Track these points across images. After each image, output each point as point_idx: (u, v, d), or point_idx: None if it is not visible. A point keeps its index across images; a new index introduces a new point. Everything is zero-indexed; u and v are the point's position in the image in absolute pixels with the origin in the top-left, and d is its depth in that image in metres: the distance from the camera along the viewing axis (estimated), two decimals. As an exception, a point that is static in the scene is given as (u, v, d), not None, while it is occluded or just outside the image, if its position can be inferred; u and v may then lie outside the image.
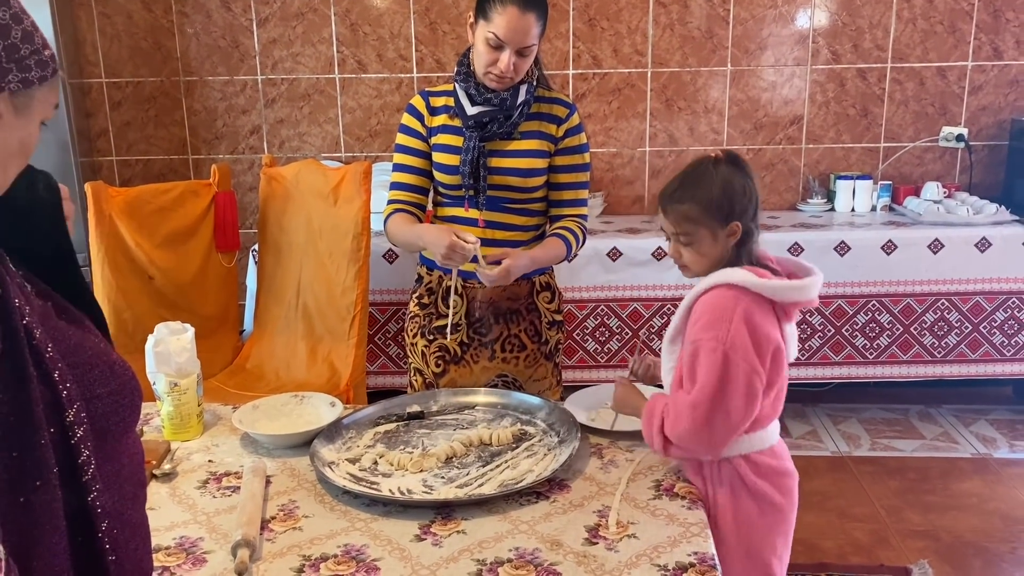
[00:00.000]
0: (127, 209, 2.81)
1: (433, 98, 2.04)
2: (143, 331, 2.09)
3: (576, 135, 2.04)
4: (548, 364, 2.16)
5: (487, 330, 2.08)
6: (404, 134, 2.06)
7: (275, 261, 3.10)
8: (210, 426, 1.83)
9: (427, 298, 2.11)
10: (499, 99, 1.94)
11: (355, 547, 1.36)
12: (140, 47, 3.82)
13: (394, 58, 3.80)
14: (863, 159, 3.85)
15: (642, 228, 3.55)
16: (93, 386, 0.84)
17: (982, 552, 2.71)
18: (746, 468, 1.53)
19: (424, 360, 2.11)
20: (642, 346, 2.01)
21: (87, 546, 0.82)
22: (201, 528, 1.43)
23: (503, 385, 2.13)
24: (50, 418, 0.79)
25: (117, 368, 0.87)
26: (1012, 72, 3.72)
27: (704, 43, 3.74)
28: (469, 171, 1.96)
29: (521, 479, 1.53)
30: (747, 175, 1.57)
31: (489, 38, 1.87)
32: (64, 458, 0.80)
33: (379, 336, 3.41)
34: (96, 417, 0.82)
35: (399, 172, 2.08)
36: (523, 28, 1.85)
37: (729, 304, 1.48)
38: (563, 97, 2.07)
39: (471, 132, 1.96)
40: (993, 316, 3.38)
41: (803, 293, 1.53)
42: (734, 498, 1.54)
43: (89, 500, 0.81)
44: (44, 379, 0.79)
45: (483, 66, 1.91)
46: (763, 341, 1.48)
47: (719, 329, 1.46)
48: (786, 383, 1.58)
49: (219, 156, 3.91)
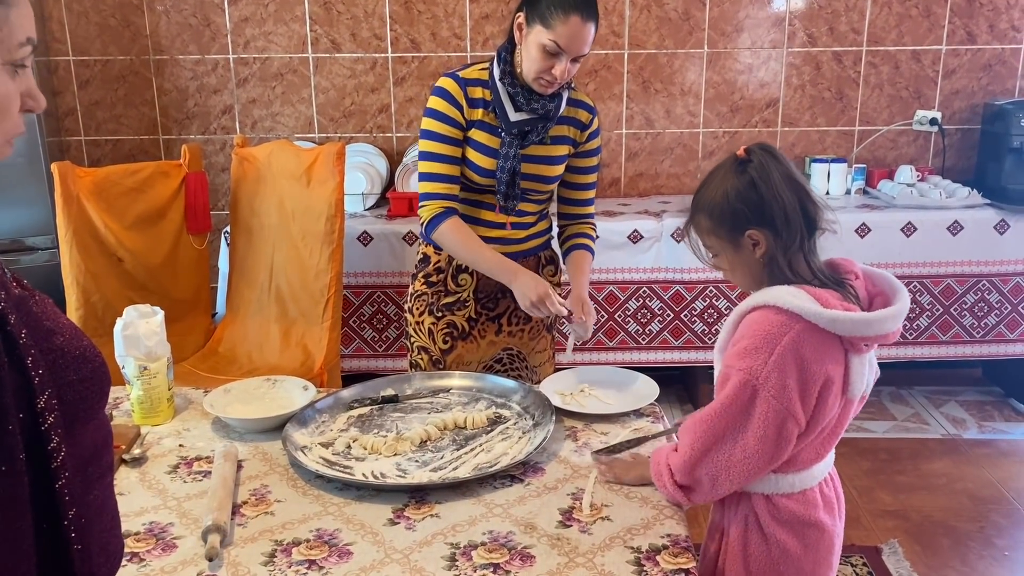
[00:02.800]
0: (96, 190, 2.76)
1: (470, 88, 1.93)
2: (112, 314, 2.06)
3: (596, 138, 2.08)
4: (548, 336, 2.22)
5: (494, 304, 2.09)
6: (440, 121, 1.93)
7: (247, 243, 3.06)
8: (181, 410, 1.81)
9: (435, 276, 2.08)
10: (544, 108, 1.92)
11: (328, 532, 1.35)
12: (108, 24, 3.75)
13: (368, 37, 3.76)
14: (838, 142, 3.86)
15: (618, 211, 3.55)
16: (65, 372, 0.82)
17: (951, 531, 2.75)
18: (763, 508, 1.39)
19: (431, 338, 2.10)
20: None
21: (52, 532, 0.81)
22: (171, 513, 1.41)
23: (508, 358, 2.16)
24: (20, 404, 0.77)
25: (88, 353, 0.85)
26: (985, 56, 3.74)
27: (681, 25, 3.73)
28: (507, 179, 1.95)
29: (495, 462, 1.52)
30: (768, 173, 1.34)
31: (547, 45, 1.82)
32: (33, 444, 0.78)
33: (353, 319, 3.38)
34: (66, 403, 0.81)
35: (436, 162, 1.94)
36: (583, 37, 1.83)
37: (774, 331, 1.29)
38: (586, 99, 2.06)
39: (511, 139, 1.93)
40: (964, 298, 3.42)
41: (872, 328, 1.29)
42: (745, 537, 1.41)
43: (57, 487, 0.80)
44: (16, 365, 0.77)
45: (535, 72, 1.86)
46: (811, 380, 1.28)
47: (755, 359, 1.29)
48: (843, 422, 1.39)
49: (190, 136, 3.85)
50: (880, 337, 1.31)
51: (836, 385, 1.32)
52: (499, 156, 1.94)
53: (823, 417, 1.33)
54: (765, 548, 1.40)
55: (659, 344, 3.43)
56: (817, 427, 1.34)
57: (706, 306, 3.39)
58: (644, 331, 3.42)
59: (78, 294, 2.69)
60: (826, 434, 1.38)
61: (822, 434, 1.37)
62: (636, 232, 3.34)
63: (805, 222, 1.36)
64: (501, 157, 1.93)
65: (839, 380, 1.33)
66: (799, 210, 1.35)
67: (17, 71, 0.81)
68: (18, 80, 0.82)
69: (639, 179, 3.91)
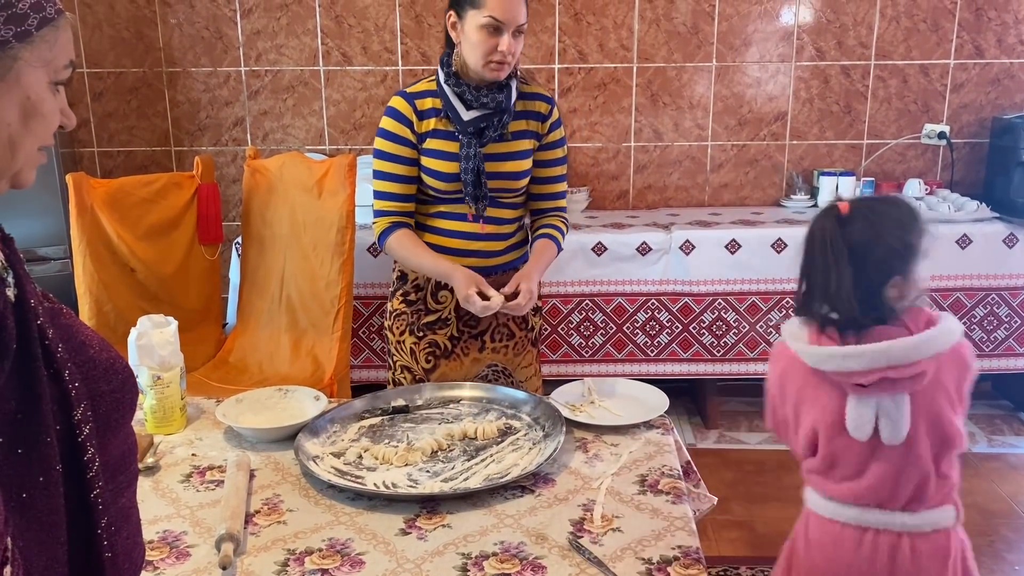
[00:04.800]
0: (109, 201, 2.79)
1: (418, 100, 1.97)
2: (125, 324, 2.08)
3: (557, 129, 2.07)
4: (533, 350, 2.19)
5: (476, 321, 2.08)
6: (389, 140, 1.98)
7: (258, 254, 3.08)
8: (193, 420, 1.82)
9: (414, 295, 2.09)
10: (494, 101, 1.92)
11: (340, 541, 1.36)
12: (122, 37, 3.78)
13: (379, 51, 3.78)
14: (846, 155, 3.87)
15: (627, 223, 3.56)
16: (98, 383, 0.84)
17: (960, 545, 2.74)
18: (804, 520, 1.53)
19: (413, 357, 2.10)
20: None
21: (85, 541, 0.82)
22: (185, 522, 1.42)
23: (492, 375, 2.14)
24: (58, 416, 0.79)
25: (117, 365, 0.87)
26: (994, 71, 3.75)
27: (689, 39, 3.75)
28: (472, 179, 1.95)
29: (506, 473, 1.53)
30: (822, 226, 1.42)
31: (486, 23, 1.84)
32: (70, 455, 0.80)
33: (363, 330, 3.40)
34: (99, 414, 0.83)
35: (386, 181, 2.00)
36: (516, 5, 1.86)
37: (772, 353, 1.52)
38: (542, 91, 2.07)
39: (469, 139, 1.94)
40: (973, 312, 3.42)
41: (848, 362, 1.36)
42: (795, 539, 1.56)
43: (92, 496, 0.82)
44: (55, 378, 0.80)
45: (482, 56, 1.87)
46: (792, 408, 1.48)
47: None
48: (851, 460, 1.43)
49: (202, 148, 3.88)
50: (859, 373, 1.35)
51: (830, 423, 1.41)
52: (460, 158, 1.94)
53: (826, 449, 1.44)
54: (806, 555, 1.51)
55: (668, 356, 3.43)
56: (833, 463, 1.45)
57: (715, 318, 3.40)
58: (653, 343, 3.42)
59: (91, 304, 2.71)
60: (834, 465, 1.46)
61: (834, 467, 1.45)
62: (645, 244, 3.34)
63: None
64: (462, 158, 1.94)
65: (829, 418, 1.42)
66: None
67: (58, 89, 0.85)
68: (58, 97, 0.85)
69: (647, 191, 3.92)
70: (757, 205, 3.90)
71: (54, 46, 0.81)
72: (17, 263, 0.81)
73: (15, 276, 0.79)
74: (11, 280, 0.79)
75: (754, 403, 3.80)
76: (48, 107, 0.83)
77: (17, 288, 0.79)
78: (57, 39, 0.82)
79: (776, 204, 3.89)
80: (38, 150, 0.85)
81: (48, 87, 0.82)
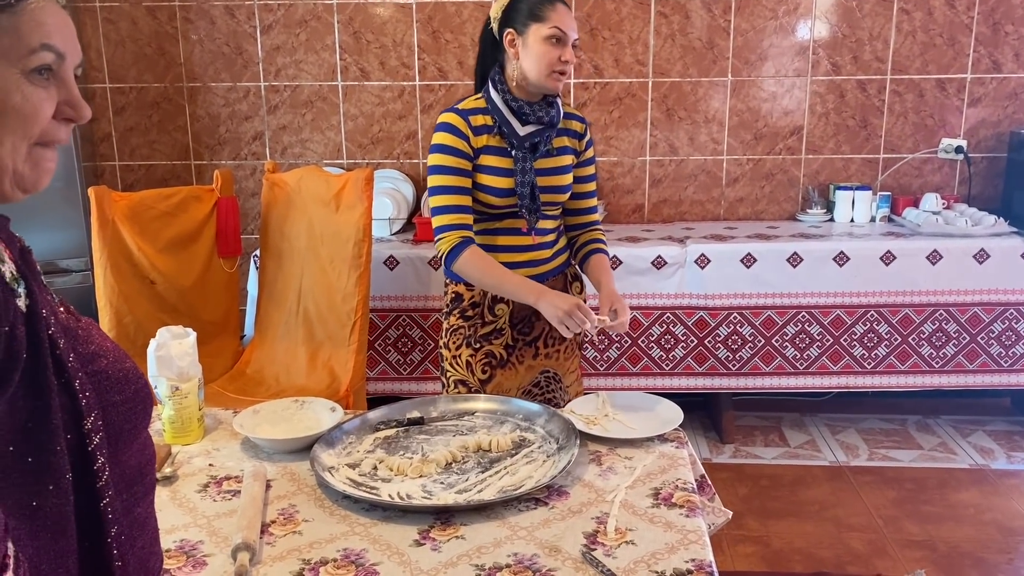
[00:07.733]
0: (130, 214, 2.83)
1: (472, 117, 1.99)
2: (144, 335, 2.11)
3: (591, 147, 2.18)
4: (579, 354, 2.27)
5: (530, 328, 2.12)
6: (448, 155, 1.97)
7: (276, 267, 3.11)
8: (211, 430, 1.84)
9: (471, 311, 2.10)
10: (548, 116, 2.00)
11: (354, 551, 1.36)
12: (144, 53, 3.84)
13: (396, 66, 3.82)
14: (862, 170, 3.86)
15: (642, 236, 3.57)
16: (110, 394, 0.85)
17: (979, 563, 2.71)
18: None
19: (469, 369, 2.11)
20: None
21: (95, 550, 0.83)
22: (201, 531, 1.44)
23: (544, 381, 2.20)
24: (68, 425, 0.80)
25: (131, 375, 0.88)
26: (1011, 85, 3.74)
27: (705, 53, 3.76)
28: (528, 193, 2.00)
29: (520, 485, 1.54)
30: None
31: (551, 34, 1.93)
32: (80, 464, 0.81)
33: (379, 342, 3.41)
34: (111, 424, 0.84)
35: (451, 195, 1.98)
36: (571, 17, 1.98)
37: None
38: (575, 111, 2.17)
39: (524, 154, 1.99)
40: (991, 327, 3.39)
41: None
42: None
43: (101, 506, 0.82)
44: (65, 388, 0.80)
45: (547, 67, 1.94)
46: None
47: None
48: None
49: (222, 162, 3.93)
50: None
51: None
52: (515, 173, 1.99)
53: None
54: None
55: (683, 370, 3.43)
56: None
57: (730, 332, 3.39)
58: (668, 357, 3.42)
59: (111, 315, 2.75)
60: None
61: None
62: (660, 258, 3.35)
63: None
64: (518, 173, 1.99)
65: None
66: None
67: (48, 78, 0.80)
68: (50, 88, 0.80)
69: (663, 205, 3.93)
70: (773, 219, 3.90)
71: (14, 33, 0.75)
72: (31, 274, 0.81)
73: (27, 287, 0.80)
74: (22, 291, 0.79)
75: (769, 417, 3.79)
76: (16, 100, 0.76)
77: (29, 299, 0.79)
78: (18, 26, 0.75)
79: (792, 218, 3.89)
80: (39, 147, 0.81)
81: (18, 77, 0.76)
